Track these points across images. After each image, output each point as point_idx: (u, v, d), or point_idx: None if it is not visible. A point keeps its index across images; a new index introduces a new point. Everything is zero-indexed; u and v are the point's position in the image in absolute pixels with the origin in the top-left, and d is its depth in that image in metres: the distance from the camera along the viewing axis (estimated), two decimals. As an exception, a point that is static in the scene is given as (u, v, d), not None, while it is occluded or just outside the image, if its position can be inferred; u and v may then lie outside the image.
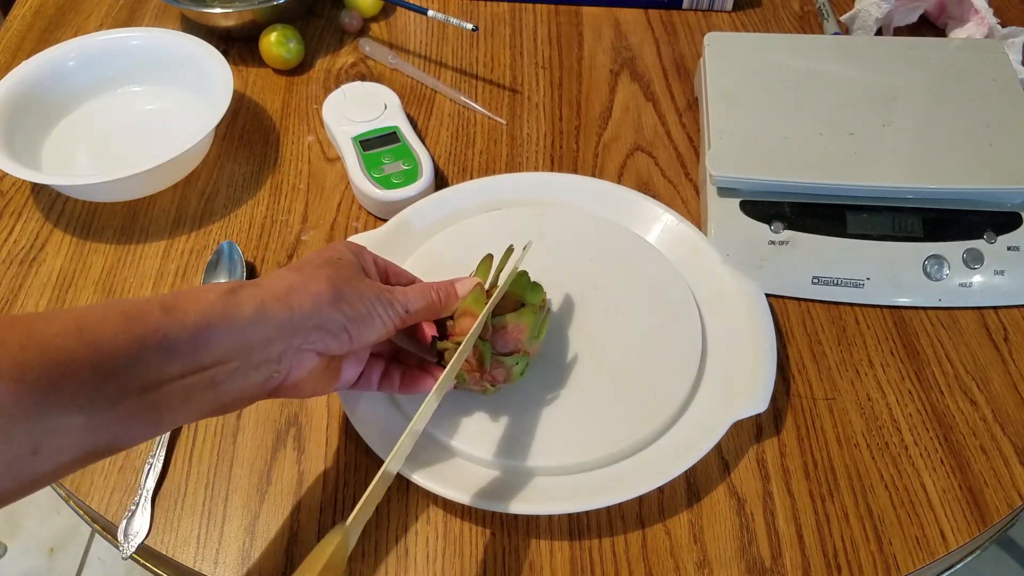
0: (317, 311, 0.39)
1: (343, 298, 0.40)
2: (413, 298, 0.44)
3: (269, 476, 0.49)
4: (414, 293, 0.44)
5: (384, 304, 0.42)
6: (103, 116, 0.69)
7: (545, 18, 0.82)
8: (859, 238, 0.58)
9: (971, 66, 0.65)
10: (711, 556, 0.47)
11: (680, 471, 0.46)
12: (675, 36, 0.80)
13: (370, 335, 0.42)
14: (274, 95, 0.73)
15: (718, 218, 0.59)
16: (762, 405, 0.49)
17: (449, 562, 0.46)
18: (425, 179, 0.62)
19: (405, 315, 0.43)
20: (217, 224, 0.63)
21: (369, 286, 0.42)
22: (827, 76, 0.65)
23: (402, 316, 0.43)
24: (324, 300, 0.40)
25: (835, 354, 0.56)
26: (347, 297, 0.41)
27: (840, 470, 0.50)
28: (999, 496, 0.49)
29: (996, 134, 0.59)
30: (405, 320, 0.43)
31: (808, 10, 0.82)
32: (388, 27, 0.81)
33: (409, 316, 0.44)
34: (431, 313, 0.46)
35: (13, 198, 0.65)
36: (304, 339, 0.39)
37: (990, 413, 0.53)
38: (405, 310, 0.43)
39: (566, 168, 0.68)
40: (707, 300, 0.55)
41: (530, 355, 0.48)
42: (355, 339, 0.41)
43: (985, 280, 0.57)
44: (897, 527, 0.48)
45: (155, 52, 0.70)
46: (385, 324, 0.42)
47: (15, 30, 0.79)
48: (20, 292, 0.59)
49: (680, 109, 0.73)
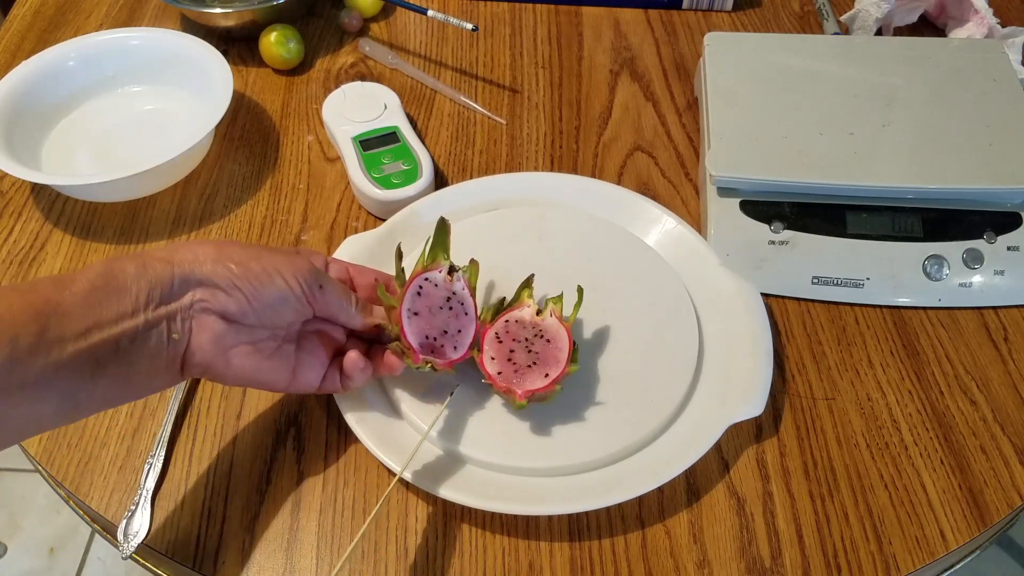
0: (198, 265, 0.40)
1: (229, 256, 0.41)
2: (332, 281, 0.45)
3: (269, 476, 0.49)
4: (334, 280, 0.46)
5: (291, 270, 0.42)
6: (103, 116, 0.69)
7: (545, 18, 0.82)
8: (859, 238, 0.58)
9: (971, 66, 0.65)
10: (711, 556, 0.47)
11: (676, 473, 0.46)
12: (675, 36, 0.80)
13: (269, 294, 0.41)
14: (274, 95, 0.73)
15: (718, 218, 0.59)
16: (758, 409, 0.49)
17: (449, 562, 0.46)
18: (425, 179, 0.62)
19: (317, 288, 0.43)
20: (217, 224, 0.63)
21: (278, 253, 0.43)
22: (827, 76, 0.65)
23: (310, 285, 0.43)
24: (207, 256, 0.40)
25: (835, 354, 0.56)
26: (234, 256, 0.41)
27: (840, 470, 0.50)
28: (999, 496, 0.49)
29: (996, 134, 0.59)
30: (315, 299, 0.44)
31: (808, 10, 0.82)
32: (388, 27, 0.81)
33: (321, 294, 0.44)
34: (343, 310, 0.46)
35: (13, 198, 0.65)
36: (193, 297, 0.40)
37: (990, 413, 0.53)
38: (319, 285, 0.43)
39: (566, 168, 0.68)
40: (704, 302, 0.55)
41: None
42: (252, 298, 0.41)
43: (985, 280, 0.57)
44: (897, 527, 0.48)
45: (155, 52, 0.70)
46: (290, 289, 0.42)
47: (15, 30, 0.79)
48: (20, 292, 0.58)
49: (680, 109, 0.72)
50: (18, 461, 1.32)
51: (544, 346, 0.48)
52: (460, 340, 0.47)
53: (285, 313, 0.43)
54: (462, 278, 0.48)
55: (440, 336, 0.47)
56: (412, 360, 0.46)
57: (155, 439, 0.51)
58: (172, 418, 0.51)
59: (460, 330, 0.48)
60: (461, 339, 0.47)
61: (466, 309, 0.48)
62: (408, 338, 0.46)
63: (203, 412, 0.52)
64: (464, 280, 0.48)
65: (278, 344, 0.44)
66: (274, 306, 0.42)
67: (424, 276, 0.48)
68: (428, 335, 0.47)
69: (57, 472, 0.50)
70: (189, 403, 0.53)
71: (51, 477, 0.50)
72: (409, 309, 0.46)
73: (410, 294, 0.47)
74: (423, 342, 0.47)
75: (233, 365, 0.42)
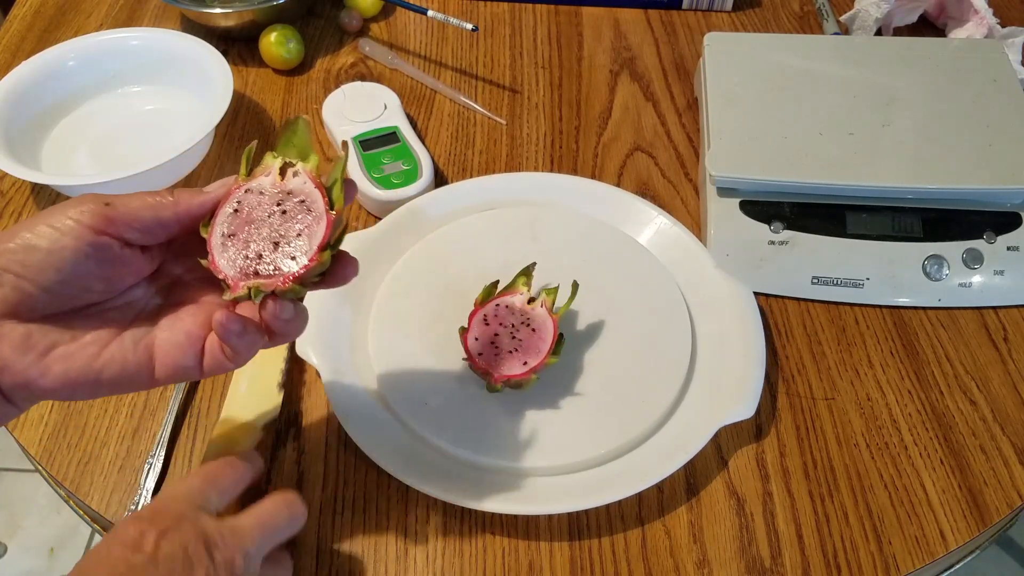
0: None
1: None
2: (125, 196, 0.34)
3: (269, 476, 0.49)
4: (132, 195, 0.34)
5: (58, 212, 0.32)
6: (103, 116, 0.69)
7: (545, 18, 0.82)
8: (859, 238, 0.58)
9: (971, 66, 0.65)
10: (711, 556, 0.47)
11: (668, 474, 0.46)
12: (675, 36, 0.80)
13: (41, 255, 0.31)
14: (274, 95, 0.73)
15: (718, 218, 0.59)
16: (749, 411, 0.49)
17: (449, 562, 0.46)
18: (425, 179, 0.62)
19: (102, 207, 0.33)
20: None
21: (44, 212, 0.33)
22: (827, 76, 0.65)
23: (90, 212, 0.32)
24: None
25: (835, 354, 0.56)
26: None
27: (840, 470, 0.50)
28: (999, 496, 0.49)
29: (996, 134, 0.59)
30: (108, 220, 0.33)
31: (808, 10, 0.82)
32: (388, 27, 0.81)
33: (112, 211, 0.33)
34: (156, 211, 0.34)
35: (13, 198, 0.65)
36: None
37: (990, 413, 0.53)
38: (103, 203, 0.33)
39: (566, 168, 0.68)
40: (698, 303, 0.55)
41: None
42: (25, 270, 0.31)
43: (985, 280, 0.57)
44: (897, 527, 0.48)
45: (155, 52, 0.70)
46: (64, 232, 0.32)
47: (15, 30, 0.79)
48: (20, 292, 0.58)
49: (680, 109, 0.73)
50: (18, 461, 1.32)
51: (529, 335, 0.49)
52: (302, 246, 0.35)
53: (92, 273, 0.33)
54: (302, 171, 0.37)
55: (270, 252, 0.35)
56: (230, 292, 0.35)
57: (155, 439, 0.51)
58: (172, 418, 0.51)
59: (300, 233, 0.35)
60: (303, 244, 0.35)
61: (309, 205, 0.36)
62: (218, 265, 0.35)
63: (203, 412, 0.52)
64: (307, 174, 0.37)
65: (119, 329, 0.35)
66: (65, 270, 0.32)
67: (243, 188, 0.36)
68: (249, 255, 0.35)
69: (57, 472, 0.50)
70: (189, 403, 0.53)
71: (51, 477, 0.50)
72: (223, 233, 0.36)
73: (222, 215, 0.36)
74: (245, 267, 0.35)
75: (54, 373, 0.32)
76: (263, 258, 0.35)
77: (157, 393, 0.53)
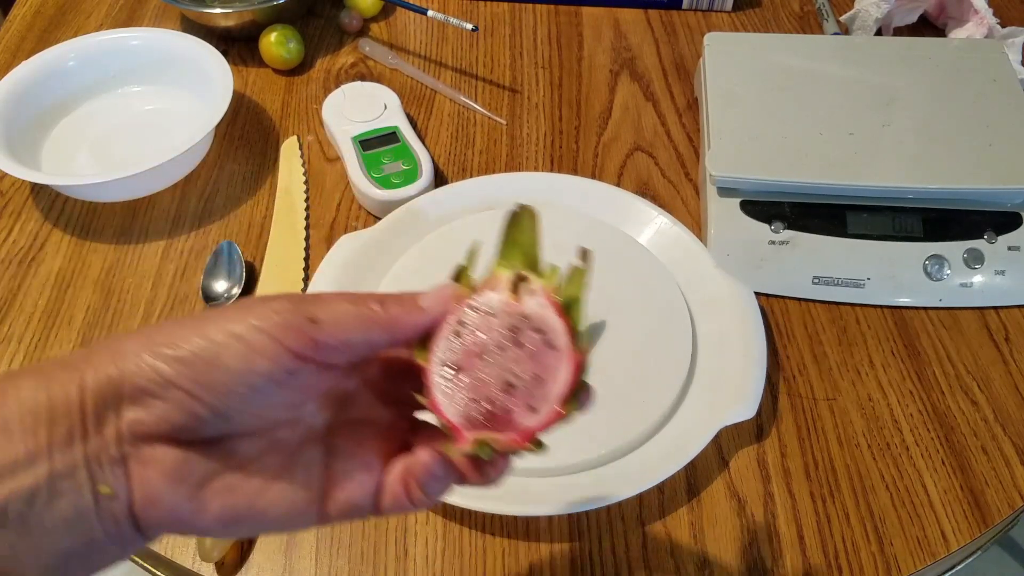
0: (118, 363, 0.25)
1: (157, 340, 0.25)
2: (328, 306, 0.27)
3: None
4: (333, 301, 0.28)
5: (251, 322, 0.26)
6: (103, 116, 0.69)
7: (545, 18, 0.82)
8: (859, 238, 0.58)
9: (971, 66, 0.65)
10: (712, 557, 0.47)
11: (668, 475, 0.46)
12: (675, 36, 0.80)
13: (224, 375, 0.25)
14: (274, 95, 0.73)
15: (718, 218, 0.59)
16: (750, 411, 0.49)
17: (449, 563, 0.46)
18: (425, 179, 0.62)
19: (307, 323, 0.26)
20: (217, 224, 0.63)
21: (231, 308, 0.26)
22: (827, 76, 0.65)
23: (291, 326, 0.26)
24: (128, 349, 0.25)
25: (836, 354, 0.56)
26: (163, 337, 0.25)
27: (841, 471, 0.50)
28: (1000, 496, 0.49)
29: (996, 134, 0.59)
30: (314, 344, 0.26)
31: (808, 10, 0.82)
32: (388, 27, 0.81)
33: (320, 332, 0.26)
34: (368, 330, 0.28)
35: (13, 198, 0.65)
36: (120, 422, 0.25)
37: (991, 413, 0.53)
38: (307, 318, 0.26)
39: (566, 168, 0.67)
40: (698, 303, 0.55)
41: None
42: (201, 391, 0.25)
43: (986, 280, 0.57)
44: (898, 528, 0.48)
45: (155, 52, 0.70)
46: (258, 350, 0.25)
47: (15, 30, 0.79)
48: (19, 292, 0.58)
49: (680, 109, 0.72)
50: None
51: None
52: (541, 392, 0.29)
53: (272, 397, 0.26)
54: (539, 290, 0.30)
55: (503, 394, 0.29)
56: (455, 444, 0.28)
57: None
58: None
59: (539, 375, 0.29)
60: (542, 390, 0.29)
61: (550, 339, 0.29)
62: (442, 409, 0.28)
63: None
64: (544, 292, 0.30)
65: (286, 455, 0.28)
66: (246, 392, 0.25)
67: (468, 305, 0.30)
68: (479, 399, 0.29)
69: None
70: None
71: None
72: (444, 362, 0.29)
73: (443, 339, 0.29)
74: (472, 412, 0.29)
75: (211, 511, 0.26)
76: (495, 403, 0.29)
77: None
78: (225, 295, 0.58)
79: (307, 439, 0.29)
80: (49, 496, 0.24)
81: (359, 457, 0.29)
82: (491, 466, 0.29)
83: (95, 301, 0.58)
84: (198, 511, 0.26)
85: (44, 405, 0.24)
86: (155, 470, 0.25)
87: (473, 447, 0.28)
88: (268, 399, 0.26)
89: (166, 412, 0.25)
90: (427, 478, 0.28)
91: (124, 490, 0.25)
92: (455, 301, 0.30)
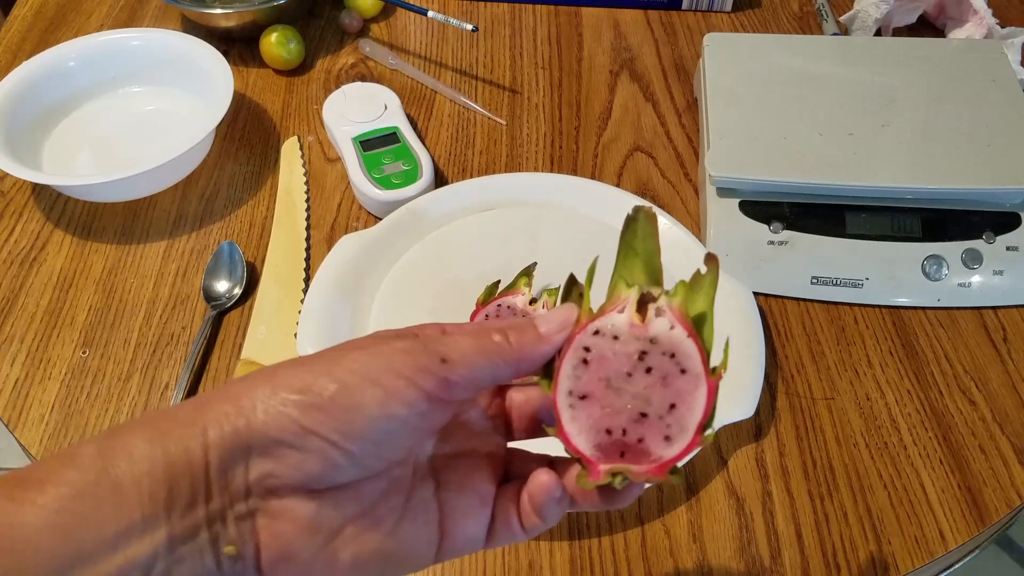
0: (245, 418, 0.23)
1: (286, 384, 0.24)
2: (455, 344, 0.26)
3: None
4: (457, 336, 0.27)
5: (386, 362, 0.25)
6: (104, 116, 0.69)
7: (545, 18, 0.82)
8: (858, 238, 0.58)
9: (970, 66, 0.65)
10: (710, 556, 0.47)
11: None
12: (675, 37, 0.80)
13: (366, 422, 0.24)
14: (274, 95, 0.73)
15: (717, 218, 0.59)
16: (748, 411, 0.49)
17: (449, 563, 0.46)
18: (425, 179, 0.62)
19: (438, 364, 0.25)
20: (217, 224, 0.63)
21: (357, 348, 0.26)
22: (826, 76, 0.65)
23: (428, 369, 0.25)
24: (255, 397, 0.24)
25: (834, 354, 0.56)
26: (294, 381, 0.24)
27: (839, 470, 0.50)
28: (998, 496, 0.49)
29: (995, 134, 0.59)
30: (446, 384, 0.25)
31: (807, 10, 0.83)
32: (388, 28, 0.81)
33: (452, 372, 0.25)
34: (494, 365, 0.27)
35: (14, 198, 0.65)
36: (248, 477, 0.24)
37: (989, 413, 0.53)
38: (439, 358, 0.25)
39: (566, 169, 0.68)
40: None
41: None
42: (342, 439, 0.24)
43: (984, 280, 0.57)
44: (896, 527, 0.48)
45: (155, 53, 0.70)
46: (399, 396, 0.24)
47: (15, 30, 0.79)
48: (21, 292, 0.59)
49: (680, 109, 0.73)
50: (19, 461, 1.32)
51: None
52: (676, 420, 0.27)
53: (402, 439, 0.25)
54: (667, 308, 0.28)
55: (633, 424, 0.27)
56: (588, 476, 0.27)
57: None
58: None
59: (674, 404, 0.27)
60: (677, 418, 0.27)
61: (682, 362, 0.27)
62: (573, 442, 0.27)
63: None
64: (672, 310, 0.28)
65: (405, 494, 0.27)
66: (382, 437, 0.25)
67: (591, 329, 0.28)
68: (611, 428, 0.27)
69: (58, 472, 0.50)
70: (190, 403, 0.53)
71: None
72: (571, 392, 0.28)
73: (567, 367, 0.28)
74: (603, 441, 0.27)
75: (343, 562, 0.25)
76: (627, 433, 0.27)
77: (158, 389, 0.53)
78: (226, 295, 0.58)
79: (417, 475, 0.28)
80: (168, 564, 0.22)
81: (474, 490, 0.28)
82: (622, 494, 0.28)
83: (96, 301, 0.58)
84: (330, 563, 0.25)
85: (161, 463, 0.22)
86: (289, 523, 0.24)
87: (607, 479, 0.26)
88: (399, 442, 0.25)
89: (301, 462, 0.24)
90: (548, 499, 0.27)
91: (251, 548, 0.24)
92: (576, 325, 0.28)
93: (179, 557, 0.22)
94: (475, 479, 0.28)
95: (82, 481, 0.22)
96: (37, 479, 0.22)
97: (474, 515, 0.28)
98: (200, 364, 0.54)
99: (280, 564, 0.24)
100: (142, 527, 0.22)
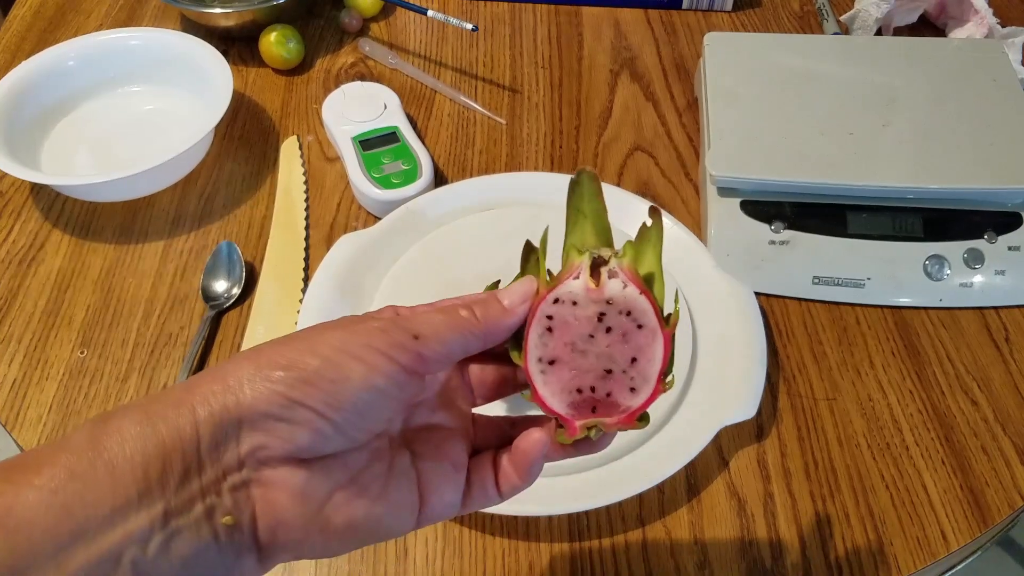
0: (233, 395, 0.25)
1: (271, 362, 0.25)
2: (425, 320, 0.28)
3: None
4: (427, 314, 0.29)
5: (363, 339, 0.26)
6: (103, 116, 0.69)
7: (545, 18, 0.82)
8: (860, 238, 0.58)
9: (971, 66, 0.65)
10: (711, 557, 0.47)
11: (668, 475, 0.46)
12: (675, 36, 0.80)
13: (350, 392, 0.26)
14: (274, 95, 0.73)
15: (718, 218, 0.59)
16: (750, 412, 0.49)
17: (449, 563, 0.46)
18: (425, 179, 0.62)
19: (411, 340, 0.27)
20: (216, 224, 0.63)
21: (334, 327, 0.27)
22: (827, 76, 0.65)
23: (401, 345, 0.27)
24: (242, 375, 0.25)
25: (836, 354, 0.56)
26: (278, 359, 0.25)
27: (841, 471, 0.50)
28: (1000, 496, 0.49)
29: (996, 134, 0.59)
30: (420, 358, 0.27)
31: (808, 10, 0.82)
32: (388, 27, 0.81)
33: (424, 347, 0.27)
34: (464, 338, 0.29)
35: (12, 198, 0.65)
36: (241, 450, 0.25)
37: (991, 413, 0.53)
38: (411, 335, 0.27)
39: (566, 168, 0.67)
40: (699, 303, 0.55)
41: None
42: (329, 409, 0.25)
43: (986, 280, 0.57)
44: (898, 528, 0.48)
45: (155, 52, 0.70)
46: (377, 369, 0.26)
47: (15, 30, 0.79)
48: (19, 292, 0.58)
49: (680, 109, 0.72)
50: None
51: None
52: (638, 372, 0.30)
53: (382, 410, 0.27)
54: (618, 270, 0.30)
55: (601, 380, 0.30)
56: (566, 433, 0.30)
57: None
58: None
59: (635, 358, 0.30)
60: (639, 370, 0.30)
61: (638, 318, 0.30)
62: (548, 404, 0.30)
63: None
64: (623, 271, 0.30)
65: (386, 463, 0.29)
66: (365, 408, 0.26)
67: (551, 298, 0.30)
68: (581, 387, 0.30)
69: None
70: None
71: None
72: (540, 359, 0.30)
73: (534, 336, 0.30)
74: (575, 400, 0.30)
75: (335, 526, 0.27)
76: (596, 390, 0.30)
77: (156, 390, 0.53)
78: (225, 295, 0.57)
79: (394, 446, 0.29)
80: (165, 537, 0.23)
81: (449, 457, 0.30)
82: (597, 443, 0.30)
83: (95, 301, 0.58)
84: (324, 528, 0.26)
85: (152, 442, 0.23)
86: (282, 491, 0.25)
87: (584, 433, 0.29)
88: (380, 413, 0.27)
89: (291, 433, 0.25)
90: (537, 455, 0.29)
91: (248, 517, 0.25)
92: (536, 296, 0.30)
93: (176, 529, 0.23)
94: (447, 448, 0.30)
95: (77, 463, 0.23)
96: (34, 463, 0.23)
97: (450, 481, 0.30)
98: (199, 364, 0.54)
99: (276, 531, 0.25)
100: (138, 503, 0.23)
